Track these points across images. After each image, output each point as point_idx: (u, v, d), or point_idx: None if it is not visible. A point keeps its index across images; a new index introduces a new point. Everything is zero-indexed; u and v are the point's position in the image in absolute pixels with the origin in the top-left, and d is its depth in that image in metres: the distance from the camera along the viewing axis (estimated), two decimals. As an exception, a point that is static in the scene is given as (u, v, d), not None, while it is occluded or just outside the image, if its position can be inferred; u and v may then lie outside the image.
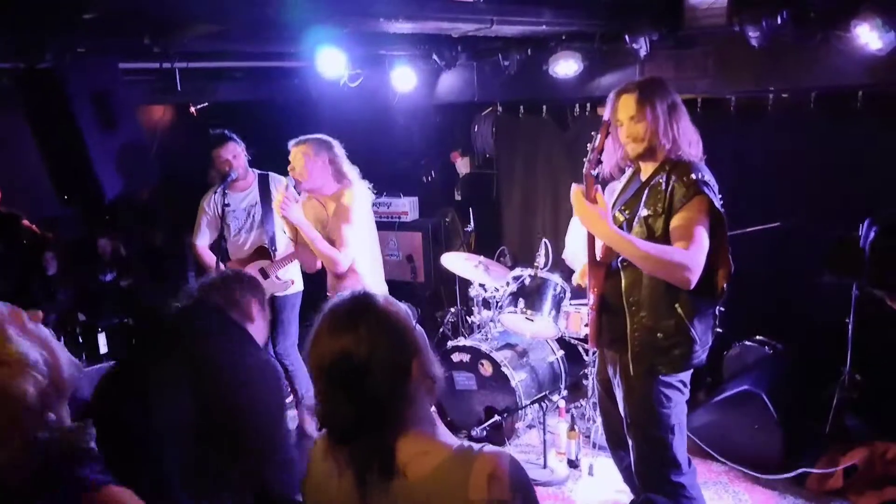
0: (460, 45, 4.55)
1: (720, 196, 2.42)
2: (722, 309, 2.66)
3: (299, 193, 3.32)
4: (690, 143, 2.45)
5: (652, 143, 2.43)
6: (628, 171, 2.67)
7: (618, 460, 2.91)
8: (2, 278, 4.28)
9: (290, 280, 3.94)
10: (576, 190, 2.38)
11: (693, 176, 2.36)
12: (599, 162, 2.45)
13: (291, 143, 3.40)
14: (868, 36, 3.15)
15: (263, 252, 3.90)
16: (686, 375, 2.55)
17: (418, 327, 1.35)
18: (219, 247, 3.66)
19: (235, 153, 3.84)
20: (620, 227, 2.49)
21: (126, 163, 3.56)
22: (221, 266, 3.58)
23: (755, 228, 3.80)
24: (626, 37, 3.79)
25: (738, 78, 3.79)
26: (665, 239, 2.37)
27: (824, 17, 3.33)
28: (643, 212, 2.45)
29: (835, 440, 3.59)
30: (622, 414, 2.63)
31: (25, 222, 4.88)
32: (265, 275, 3.87)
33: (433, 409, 1.40)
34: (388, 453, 1.24)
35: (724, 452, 3.62)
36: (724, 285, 2.46)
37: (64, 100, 3.29)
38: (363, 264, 3.35)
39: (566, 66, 4.18)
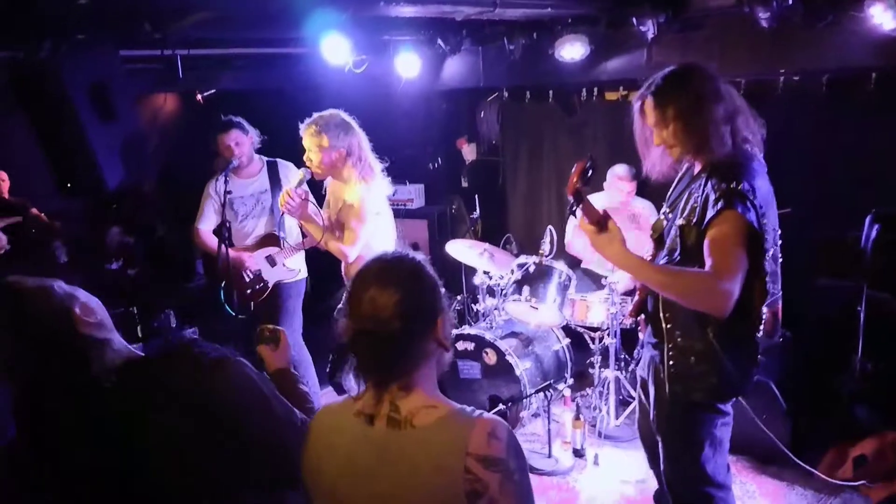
0: (465, 29, 4.49)
1: (762, 208, 2.06)
2: (761, 335, 2.34)
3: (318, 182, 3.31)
4: (732, 137, 2.14)
5: (682, 147, 2.20)
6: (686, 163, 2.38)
7: (645, 447, 2.77)
8: (11, 266, 4.29)
9: (297, 269, 3.93)
10: (578, 223, 2.22)
11: (725, 185, 2.05)
12: (579, 200, 2.26)
13: (303, 126, 3.21)
14: (882, 16, 3.07)
15: (273, 239, 3.87)
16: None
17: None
18: (220, 233, 3.64)
19: (238, 140, 3.81)
20: (662, 233, 2.30)
21: (126, 153, 3.55)
22: (223, 251, 3.58)
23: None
24: (634, 20, 3.72)
25: (747, 61, 3.70)
26: (698, 254, 2.11)
27: (836, -3, 3.25)
28: (678, 220, 2.22)
29: (844, 430, 3.52)
30: (651, 419, 2.48)
31: (34, 210, 4.90)
32: (273, 262, 3.86)
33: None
34: (399, 393, 1.33)
35: (731, 442, 3.55)
36: (761, 309, 2.20)
37: (62, 90, 3.27)
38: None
39: (572, 50, 4.11)
